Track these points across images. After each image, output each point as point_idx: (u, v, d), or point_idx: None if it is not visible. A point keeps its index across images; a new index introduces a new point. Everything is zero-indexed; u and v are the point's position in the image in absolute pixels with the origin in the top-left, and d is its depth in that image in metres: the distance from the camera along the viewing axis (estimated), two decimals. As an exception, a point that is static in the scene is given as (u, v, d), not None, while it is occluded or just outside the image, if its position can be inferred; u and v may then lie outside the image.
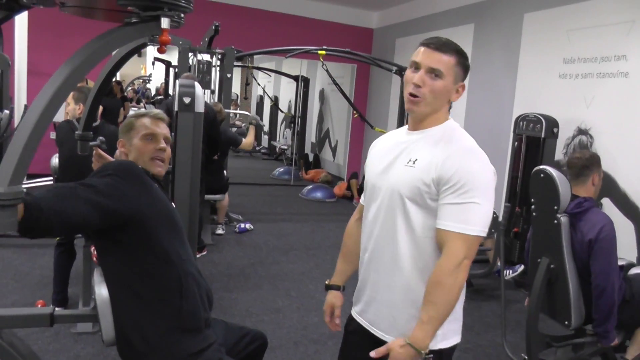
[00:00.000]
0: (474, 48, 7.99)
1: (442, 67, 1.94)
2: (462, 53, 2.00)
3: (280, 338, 4.30)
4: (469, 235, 1.87)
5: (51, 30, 8.86)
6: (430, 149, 1.97)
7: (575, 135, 5.97)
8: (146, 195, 2.19)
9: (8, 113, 6.45)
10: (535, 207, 3.49)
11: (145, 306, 2.16)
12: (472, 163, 1.92)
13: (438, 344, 2.00)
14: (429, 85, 1.95)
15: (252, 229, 7.58)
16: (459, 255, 1.86)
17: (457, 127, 2.08)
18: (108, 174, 2.11)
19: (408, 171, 1.98)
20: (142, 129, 2.48)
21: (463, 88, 2.04)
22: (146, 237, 2.17)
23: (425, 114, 2.02)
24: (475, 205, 1.87)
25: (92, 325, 4.14)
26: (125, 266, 2.19)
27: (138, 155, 2.45)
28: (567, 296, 3.25)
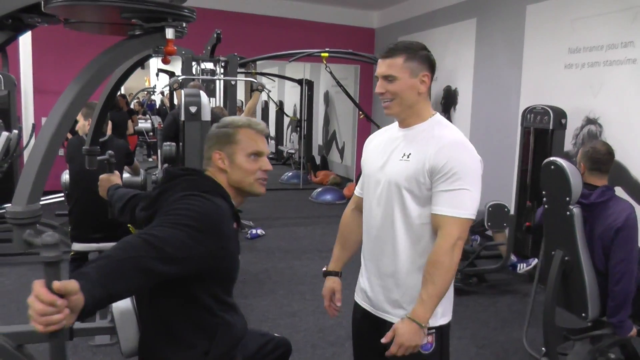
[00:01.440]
0: (477, 43, 7.98)
1: (393, 70, 2.14)
2: (410, 48, 2.17)
3: (298, 342, 4.30)
4: (461, 218, 2.07)
5: (55, 47, 8.91)
6: (421, 143, 2.17)
7: (584, 125, 5.95)
8: (219, 251, 2.00)
9: (17, 133, 6.49)
10: (547, 199, 3.47)
11: (173, 342, 2.10)
12: (461, 154, 2.11)
13: (438, 320, 2.20)
14: (389, 89, 2.16)
15: (263, 235, 7.59)
16: (454, 236, 2.07)
17: (443, 121, 2.27)
18: (189, 224, 1.90)
19: (404, 165, 2.17)
20: (248, 146, 2.20)
21: (428, 77, 2.20)
22: (199, 288, 2.05)
23: (402, 112, 2.22)
24: (465, 192, 2.07)
25: (110, 337, 4.15)
26: (166, 304, 2.08)
27: (242, 176, 2.19)
28: (583, 288, 3.23)
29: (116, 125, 8.37)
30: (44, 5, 1.59)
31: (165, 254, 1.79)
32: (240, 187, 2.21)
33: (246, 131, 2.21)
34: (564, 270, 3.33)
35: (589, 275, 3.22)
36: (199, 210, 1.96)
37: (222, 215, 2.04)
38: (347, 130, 12.63)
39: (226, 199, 2.13)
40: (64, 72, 9.14)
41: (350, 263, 2.62)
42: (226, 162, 2.18)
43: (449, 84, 8.79)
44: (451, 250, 2.06)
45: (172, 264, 1.81)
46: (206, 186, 2.11)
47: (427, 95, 2.25)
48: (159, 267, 1.77)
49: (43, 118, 8.64)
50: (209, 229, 1.95)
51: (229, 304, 2.19)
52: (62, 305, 1.41)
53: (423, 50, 2.20)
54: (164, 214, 1.96)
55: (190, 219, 1.92)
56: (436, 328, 2.19)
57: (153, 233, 1.81)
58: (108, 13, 1.65)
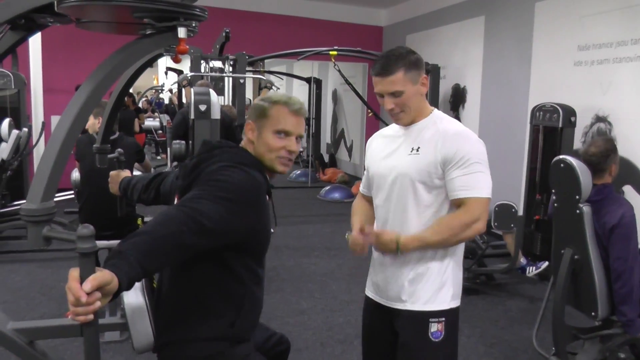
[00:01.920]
0: (485, 41, 7.97)
1: (397, 86, 2.26)
2: (405, 58, 2.27)
3: (307, 339, 4.31)
4: (482, 197, 2.22)
5: (64, 46, 8.95)
6: (428, 137, 2.31)
7: (593, 123, 5.93)
8: (255, 225, 2.04)
9: (26, 131, 6.53)
10: (557, 197, 3.47)
11: (202, 311, 2.11)
12: (467, 142, 2.26)
13: (450, 303, 2.34)
14: (397, 103, 2.29)
15: (272, 232, 7.57)
16: (475, 214, 2.21)
17: (443, 115, 2.40)
18: (229, 198, 1.92)
19: (414, 158, 2.30)
20: (277, 123, 2.17)
21: (426, 78, 2.35)
22: (232, 257, 2.08)
23: (412, 118, 2.35)
24: (479, 174, 2.23)
25: (120, 333, 4.18)
26: (198, 273, 2.09)
27: (265, 151, 2.17)
28: (593, 287, 3.22)
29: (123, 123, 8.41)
30: (56, 5, 1.60)
31: (205, 228, 1.80)
32: (262, 162, 2.20)
33: (280, 108, 2.19)
34: (573, 268, 3.32)
35: (599, 273, 3.21)
36: (238, 184, 1.98)
37: (259, 188, 2.07)
38: (355, 128, 12.63)
39: (262, 173, 2.15)
40: (73, 71, 9.22)
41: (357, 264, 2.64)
42: (255, 133, 2.20)
43: (457, 82, 8.77)
44: (467, 226, 2.22)
45: (210, 237, 1.85)
46: (244, 158, 2.13)
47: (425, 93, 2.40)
48: (197, 241, 1.80)
49: (52, 116, 8.70)
50: (248, 203, 1.99)
51: (259, 276, 2.21)
52: (90, 301, 1.44)
53: (412, 54, 2.31)
54: (203, 184, 1.97)
55: (229, 192, 1.94)
56: (446, 312, 2.31)
57: (193, 206, 1.83)
58: (120, 13, 1.66)
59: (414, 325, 2.33)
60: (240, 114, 7.17)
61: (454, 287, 2.34)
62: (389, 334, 2.43)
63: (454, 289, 2.34)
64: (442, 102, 8.75)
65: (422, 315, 2.30)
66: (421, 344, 2.30)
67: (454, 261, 2.37)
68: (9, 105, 7.26)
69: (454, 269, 2.36)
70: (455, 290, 2.36)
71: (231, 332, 2.13)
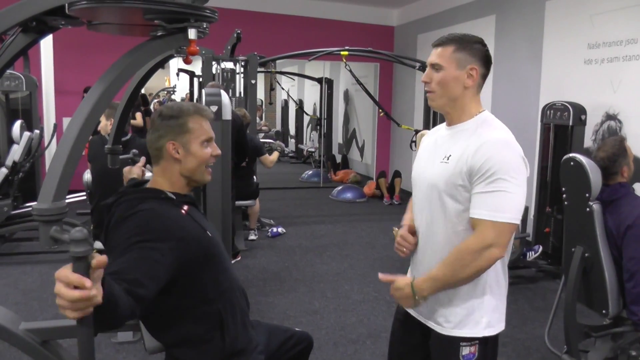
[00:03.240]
0: (496, 39, 7.95)
1: (441, 60, 2.09)
2: (461, 40, 2.11)
3: (319, 339, 4.32)
4: (498, 222, 1.94)
5: (75, 48, 9.01)
6: (463, 142, 2.07)
7: (604, 121, 5.91)
8: (179, 245, 1.98)
9: (38, 133, 6.58)
10: (567, 195, 3.46)
11: (189, 345, 2.12)
12: (501, 152, 1.99)
13: (482, 331, 2.10)
14: (434, 78, 2.11)
15: (284, 233, 7.62)
16: (486, 240, 1.94)
17: (491, 118, 2.18)
18: (135, 241, 1.89)
19: (443, 167, 2.08)
20: (201, 133, 2.18)
21: (476, 71, 2.11)
22: (184, 284, 2.04)
23: (445, 106, 2.16)
24: (505, 193, 1.94)
25: (133, 334, 4.21)
26: (165, 312, 2.09)
27: (198, 164, 2.19)
28: (604, 285, 3.21)
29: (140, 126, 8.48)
30: (67, 8, 1.62)
31: (135, 281, 1.76)
32: (192, 176, 2.21)
33: (196, 118, 2.20)
34: (584, 266, 3.32)
35: (610, 271, 3.20)
36: (137, 225, 1.97)
37: (159, 215, 2.03)
38: (367, 128, 12.62)
39: (158, 197, 2.12)
40: (84, 73, 9.27)
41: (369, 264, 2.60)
42: (181, 151, 2.16)
43: (468, 81, 8.73)
44: (478, 253, 1.95)
45: (144, 286, 1.79)
46: (135, 200, 2.09)
47: (476, 91, 2.18)
48: (140, 293, 1.76)
49: (64, 118, 8.75)
50: (155, 233, 1.95)
51: (224, 284, 2.19)
52: (94, 292, 1.41)
53: (477, 43, 2.13)
54: (111, 253, 1.90)
55: (133, 236, 1.91)
56: (479, 339, 2.10)
57: (112, 271, 1.74)
58: (131, 15, 1.68)
59: (443, 346, 2.16)
60: (251, 114, 7.19)
61: (489, 314, 2.10)
62: (418, 345, 2.29)
63: (489, 316, 2.10)
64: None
65: (452, 340, 2.11)
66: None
67: (490, 285, 2.11)
68: (20, 107, 7.33)
69: (491, 294, 2.11)
70: (491, 317, 2.12)
71: (224, 352, 2.15)
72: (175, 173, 2.19)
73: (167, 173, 2.19)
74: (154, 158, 2.21)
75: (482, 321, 2.09)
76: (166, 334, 2.15)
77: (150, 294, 1.81)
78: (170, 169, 2.19)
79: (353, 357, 4.11)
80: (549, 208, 5.89)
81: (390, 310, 4.91)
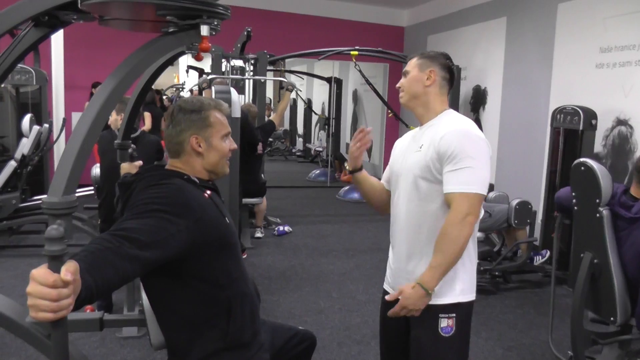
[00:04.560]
0: (507, 42, 7.93)
1: (408, 67, 2.53)
2: (428, 53, 2.53)
3: (324, 339, 4.31)
4: (469, 193, 2.23)
5: (85, 44, 9.04)
6: (431, 134, 2.38)
7: (614, 126, 5.89)
8: (197, 226, 1.97)
9: (47, 127, 6.60)
10: (577, 201, 3.44)
11: (191, 330, 2.11)
12: (462, 139, 2.28)
13: (457, 296, 2.36)
14: (402, 83, 2.54)
15: (290, 232, 7.62)
16: (463, 211, 2.22)
17: (452, 113, 2.48)
18: (155, 209, 1.89)
19: (417, 155, 2.40)
20: (221, 128, 2.23)
21: (434, 72, 2.46)
22: (195, 266, 2.04)
23: (409, 102, 2.52)
24: (470, 169, 2.24)
25: (137, 329, 4.21)
26: (172, 292, 2.08)
27: (219, 158, 2.23)
28: (612, 291, 3.19)
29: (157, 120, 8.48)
30: (80, 2, 1.62)
31: (144, 243, 1.76)
32: (214, 170, 2.24)
33: (216, 113, 2.23)
34: (592, 272, 3.29)
35: (618, 278, 3.17)
36: (160, 195, 1.97)
37: (183, 191, 2.03)
38: (375, 128, 12.61)
39: (182, 178, 2.14)
40: (94, 68, 9.31)
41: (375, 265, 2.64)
42: (203, 145, 2.18)
43: (478, 83, 8.73)
44: (459, 223, 2.21)
45: (151, 249, 1.79)
46: (159, 176, 2.12)
47: (439, 91, 2.49)
48: (145, 254, 1.76)
49: (73, 113, 8.79)
50: (176, 207, 1.94)
51: (236, 274, 2.19)
52: (69, 291, 1.39)
53: (441, 56, 2.52)
54: (129, 209, 1.95)
55: (154, 204, 1.91)
56: (456, 306, 2.35)
57: (122, 227, 1.78)
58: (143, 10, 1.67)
59: (423, 320, 2.34)
60: (261, 112, 7.19)
61: (463, 281, 2.37)
62: (402, 325, 2.46)
63: (463, 283, 2.37)
64: (462, 103, 8.73)
65: (431, 310, 2.32)
66: (431, 339, 2.35)
67: (462, 257, 2.33)
68: (30, 101, 7.35)
69: (463, 262, 2.35)
70: (466, 284, 2.38)
71: (226, 341, 2.13)
72: (197, 166, 2.21)
73: (188, 166, 2.20)
74: (174, 153, 2.22)
75: (457, 288, 2.35)
76: (172, 315, 2.12)
77: (151, 260, 1.80)
78: (192, 162, 2.20)
79: (357, 357, 4.10)
80: (557, 212, 5.85)
81: (395, 312, 4.90)
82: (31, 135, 6.07)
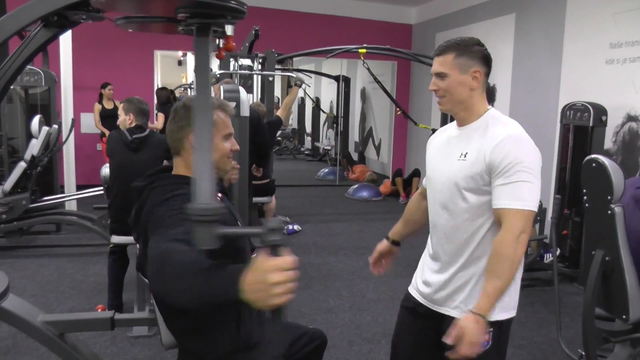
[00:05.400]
0: (516, 38, 7.90)
1: (443, 68, 2.24)
2: (460, 45, 2.25)
3: (334, 338, 4.31)
4: (524, 210, 2.08)
5: (94, 45, 9.08)
6: (477, 141, 2.20)
7: (625, 123, 5.85)
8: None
9: (56, 127, 6.62)
10: (588, 198, 3.41)
11: (201, 335, 2.12)
12: (516, 148, 2.13)
13: (496, 315, 2.16)
14: (440, 86, 2.27)
15: (300, 230, 7.63)
16: (517, 229, 2.07)
17: (498, 116, 2.29)
18: (181, 219, 1.83)
19: (461, 164, 2.21)
20: (223, 128, 2.21)
21: (480, 73, 2.23)
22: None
23: (454, 108, 2.29)
24: (525, 184, 2.09)
25: (148, 328, 4.22)
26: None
27: (219, 157, 2.20)
28: (624, 289, 3.16)
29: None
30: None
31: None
32: (216, 168, 2.19)
33: (219, 113, 2.20)
34: (604, 270, 3.27)
35: (631, 275, 3.15)
36: (178, 207, 1.90)
37: None
38: (383, 126, 12.60)
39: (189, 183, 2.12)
40: (102, 69, 9.33)
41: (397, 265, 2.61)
42: None
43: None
44: (515, 243, 2.06)
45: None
46: (169, 187, 2.10)
47: (482, 91, 2.28)
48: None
49: (82, 114, 8.83)
50: None
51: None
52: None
53: (476, 45, 2.26)
54: (155, 229, 1.91)
55: (178, 215, 1.87)
56: (493, 323, 2.16)
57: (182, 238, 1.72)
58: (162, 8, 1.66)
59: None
60: (269, 111, 7.18)
61: (502, 300, 2.15)
62: (429, 332, 2.36)
63: (502, 302, 2.16)
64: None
65: None
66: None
67: None
68: (39, 102, 7.38)
69: None
70: (505, 302, 2.20)
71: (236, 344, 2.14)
72: None
73: (188, 165, 2.18)
74: (174, 149, 2.21)
75: (496, 306, 2.13)
76: (181, 320, 2.13)
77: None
78: (190, 160, 2.17)
79: (368, 356, 4.10)
80: (567, 210, 5.84)
81: (405, 310, 4.89)
82: (40, 136, 6.10)
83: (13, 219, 5.97)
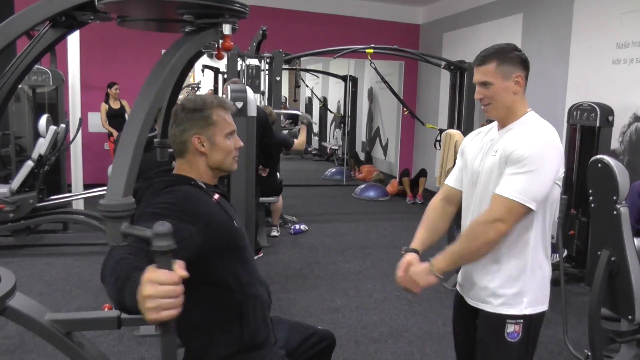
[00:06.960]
0: (523, 38, 7.89)
1: (487, 77, 2.29)
2: (500, 52, 2.30)
3: (341, 337, 4.31)
4: (511, 200, 2.11)
5: (101, 44, 9.12)
6: (507, 138, 2.28)
7: (632, 123, 5.84)
8: (204, 231, 1.97)
9: (64, 127, 6.65)
10: (594, 198, 3.41)
11: (205, 335, 2.13)
12: (530, 143, 2.18)
13: (523, 309, 2.27)
14: (486, 95, 2.32)
15: (307, 230, 7.63)
16: (496, 214, 2.13)
17: (533, 117, 2.36)
18: (165, 215, 1.85)
19: (492, 160, 2.29)
20: (225, 126, 2.21)
21: (521, 77, 2.30)
22: (204, 270, 2.04)
23: (500, 114, 2.35)
24: (523, 176, 2.13)
25: (155, 327, 4.23)
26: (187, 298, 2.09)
27: (224, 156, 2.21)
28: (630, 289, 3.16)
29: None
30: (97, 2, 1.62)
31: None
32: (220, 167, 2.24)
33: (219, 111, 2.21)
34: (610, 270, 3.27)
35: (636, 276, 3.15)
36: (168, 201, 1.96)
37: (191, 197, 2.05)
38: (390, 126, 12.59)
39: (189, 184, 2.13)
40: (109, 68, 9.36)
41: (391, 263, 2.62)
42: (206, 144, 2.17)
43: (494, 81, 8.68)
44: (486, 225, 2.14)
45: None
46: (166, 182, 2.11)
47: (523, 94, 2.36)
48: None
49: (90, 113, 8.88)
50: (185, 214, 1.94)
51: (245, 277, 2.18)
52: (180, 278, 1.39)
53: (514, 51, 2.32)
54: (139, 219, 1.90)
55: (164, 210, 1.90)
56: (523, 317, 2.26)
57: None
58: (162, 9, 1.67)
59: (490, 324, 2.33)
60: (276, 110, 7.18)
61: (532, 292, 2.27)
62: (471, 328, 2.44)
63: (532, 294, 2.27)
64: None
65: (499, 317, 2.29)
66: (497, 342, 2.30)
67: (531, 266, 2.28)
68: (47, 101, 7.40)
69: (532, 271, 2.28)
70: (535, 295, 2.29)
71: (240, 344, 2.14)
72: (202, 166, 2.20)
73: (193, 166, 2.20)
74: (179, 152, 2.22)
75: (524, 301, 2.25)
76: (184, 321, 2.13)
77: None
78: (197, 162, 2.20)
79: (374, 356, 4.10)
80: (574, 210, 5.82)
81: (411, 310, 4.90)
82: (48, 135, 6.12)
83: (20, 218, 5.99)
